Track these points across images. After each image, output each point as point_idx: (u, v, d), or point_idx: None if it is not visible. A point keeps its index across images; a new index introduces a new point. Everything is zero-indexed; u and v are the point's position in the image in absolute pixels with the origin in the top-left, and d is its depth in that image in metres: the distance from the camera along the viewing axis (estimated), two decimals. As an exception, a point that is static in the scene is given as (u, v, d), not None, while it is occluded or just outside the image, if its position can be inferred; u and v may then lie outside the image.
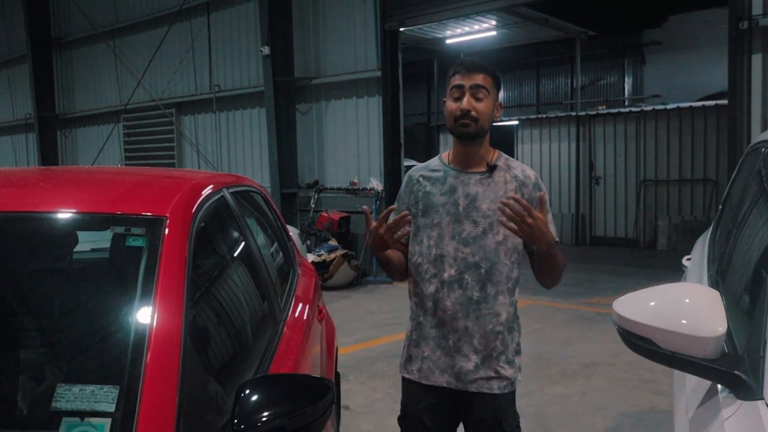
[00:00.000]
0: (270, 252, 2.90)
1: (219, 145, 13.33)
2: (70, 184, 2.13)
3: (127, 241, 1.64)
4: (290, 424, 1.36)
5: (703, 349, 1.44)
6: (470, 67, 2.35)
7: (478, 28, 13.06)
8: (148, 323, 1.39)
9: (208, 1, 12.95)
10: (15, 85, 19.16)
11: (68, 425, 1.21)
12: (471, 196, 2.38)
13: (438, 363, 2.39)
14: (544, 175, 14.34)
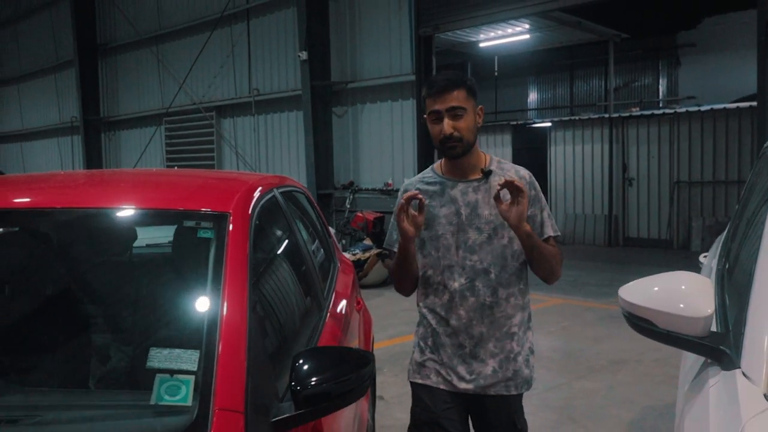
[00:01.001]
0: (313, 247, 3.17)
1: (257, 147, 13.72)
2: (146, 185, 2.43)
3: (198, 233, 1.92)
4: (336, 388, 1.61)
5: (694, 327, 1.67)
6: (441, 88, 2.32)
7: (511, 31, 13.22)
8: (219, 300, 1.66)
9: (248, 7, 13.36)
10: (61, 90, 19.86)
11: (161, 380, 1.49)
12: (471, 205, 2.40)
13: (456, 370, 2.41)
14: (577, 177, 14.45)
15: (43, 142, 21.38)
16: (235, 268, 1.78)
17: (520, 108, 19.78)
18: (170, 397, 1.47)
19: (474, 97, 2.39)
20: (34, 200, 2.12)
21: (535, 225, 2.41)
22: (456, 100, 2.32)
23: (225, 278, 1.73)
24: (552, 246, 2.43)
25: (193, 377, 1.49)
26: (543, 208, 2.46)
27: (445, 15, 10.11)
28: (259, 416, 1.50)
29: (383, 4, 11.01)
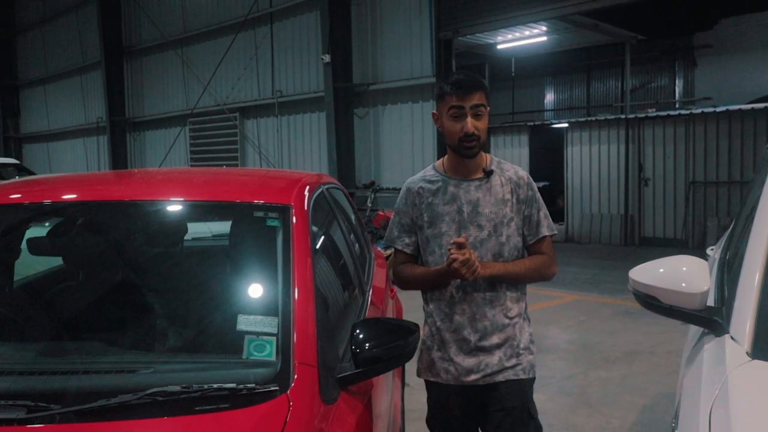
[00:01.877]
0: (352, 237, 3.49)
1: (280, 147, 14.08)
2: (217, 182, 2.76)
3: (266, 222, 2.24)
4: (386, 353, 1.92)
5: (692, 302, 1.97)
6: (468, 88, 2.39)
7: (528, 33, 13.48)
8: (291, 277, 1.98)
9: (272, 11, 13.72)
10: (88, 91, 20.36)
11: (250, 340, 1.80)
12: (473, 203, 2.47)
13: (464, 364, 2.46)
14: (594, 177, 14.66)
15: (69, 142, 21.90)
16: (301, 251, 2.09)
17: (537, 109, 20.01)
18: (258, 354, 1.78)
19: (488, 100, 2.47)
20: (124, 193, 2.46)
21: (531, 225, 2.53)
22: (479, 99, 2.40)
23: (293, 259, 2.04)
24: (542, 251, 2.53)
25: (275, 338, 1.81)
26: (540, 208, 2.54)
27: (464, 19, 10.40)
28: (327, 372, 1.82)
29: (404, 8, 11.32)
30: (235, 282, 2.20)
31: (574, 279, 10.35)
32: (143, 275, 2.43)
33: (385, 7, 11.65)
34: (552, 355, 6.13)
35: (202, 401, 1.58)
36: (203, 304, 2.17)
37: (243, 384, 1.64)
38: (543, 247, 2.56)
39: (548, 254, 2.57)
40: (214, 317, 2.07)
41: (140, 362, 1.87)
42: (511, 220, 2.50)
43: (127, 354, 1.96)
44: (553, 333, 6.96)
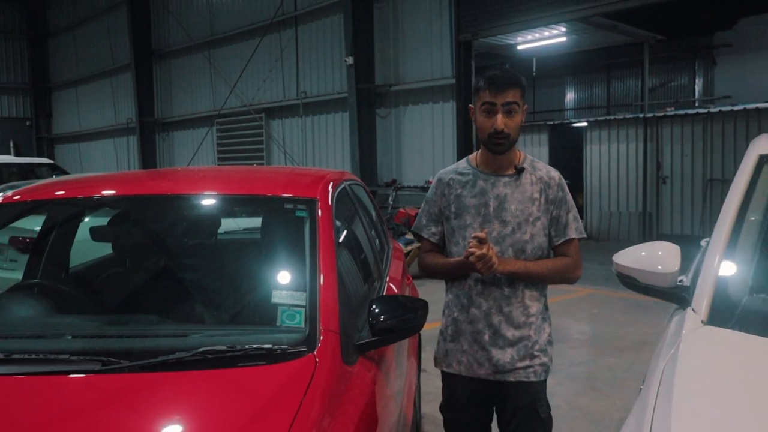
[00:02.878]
0: (372, 229, 3.82)
1: (305, 146, 14.46)
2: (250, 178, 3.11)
3: (296, 212, 2.57)
4: (398, 324, 2.23)
5: (664, 281, 2.26)
6: (502, 84, 2.41)
7: (548, 34, 13.67)
8: (317, 259, 2.30)
9: (296, 14, 14.10)
10: (118, 93, 20.92)
11: (282, 311, 2.13)
12: (500, 198, 2.50)
13: (476, 357, 2.51)
14: (612, 175, 14.83)
15: (100, 143, 22.51)
16: (325, 238, 2.42)
17: (557, 108, 20.17)
18: (289, 322, 2.12)
19: (524, 98, 2.48)
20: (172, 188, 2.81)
21: (558, 226, 2.54)
22: (513, 96, 2.41)
23: (318, 245, 2.37)
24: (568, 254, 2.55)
25: (304, 309, 2.14)
26: (569, 210, 2.55)
27: (483, 21, 10.68)
28: (348, 338, 2.14)
29: (425, 11, 11.63)
30: (269, 264, 2.55)
31: (590, 274, 10.57)
32: (190, 259, 2.79)
33: (406, 10, 11.97)
34: (563, 344, 6.40)
35: (244, 358, 1.91)
36: (243, 283, 2.53)
37: (277, 345, 1.97)
38: (569, 250, 2.55)
39: (573, 257, 2.56)
40: (253, 293, 2.42)
41: (192, 330, 2.21)
42: (537, 219, 2.50)
43: (180, 324, 2.31)
44: (566, 324, 7.23)
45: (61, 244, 3.26)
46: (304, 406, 1.71)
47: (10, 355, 1.94)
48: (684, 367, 1.72)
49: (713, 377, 1.69)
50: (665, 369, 1.77)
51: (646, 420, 1.55)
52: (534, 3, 10.06)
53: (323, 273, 2.26)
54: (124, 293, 2.75)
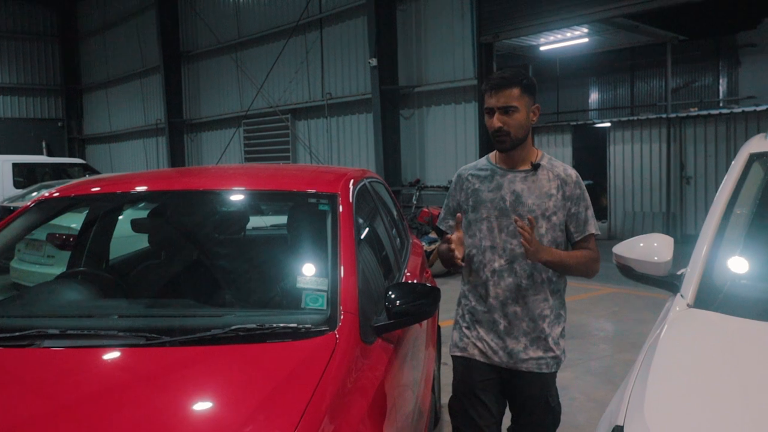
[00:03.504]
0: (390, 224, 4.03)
1: (330, 146, 14.72)
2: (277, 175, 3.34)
3: (319, 206, 2.79)
4: (412, 309, 2.43)
5: (657, 269, 2.44)
6: (497, 86, 2.52)
7: (570, 35, 13.76)
8: (338, 249, 2.51)
9: (321, 17, 14.37)
10: (147, 94, 21.39)
11: (306, 295, 2.35)
12: (516, 193, 2.58)
13: (491, 344, 2.60)
14: (636, 175, 14.87)
15: (130, 143, 23.01)
16: (346, 230, 2.63)
17: (581, 108, 20.20)
18: (313, 304, 2.33)
19: (529, 95, 2.54)
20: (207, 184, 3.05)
21: (578, 222, 2.61)
22: (508, 98, 2.49)
23: (340, 236, 2.59)
24: (589, 247, 2.63)
25: (326, 293, 2.36)
26: (588, 206, 2.63)
27: (505, 23, 10.84)
28: (366, 320, 2.35)
29: (447, 13, 11.82)
30: (294, 253, 2.77)
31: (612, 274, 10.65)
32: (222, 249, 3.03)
33: (429, 12, 12.17)
34: (583, 340, 6.55)
35: (272, 336, 2.13)
36: (271, 270, 2.76)
37: (302, 325, 2.19)
38: (589, 245, 2.63)
39: (594, 251, 2.64)
40: (280, 280, 2.65)
41: (225, 312, 2.44)
42: (554, 214, 2.58)
43: (213, 308, 2.54)
44: (586, 321, 7.37)
45: (101, 236, 3.53)
46: (326, 376, 1.92)
47: (65, 331, 2.19)
48: (665, 344, 1.90)
49: (691, 352, 1.88)
50: (648, 348, 1.96)
51: (625, 395, 1.74)
52: (554, 5, 10.20)
53: (344, 261, 2.47)
54: (162, 281, 2.99)
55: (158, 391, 1.91)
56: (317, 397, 1.82)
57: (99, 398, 1.88)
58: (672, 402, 1.63)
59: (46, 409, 1.83)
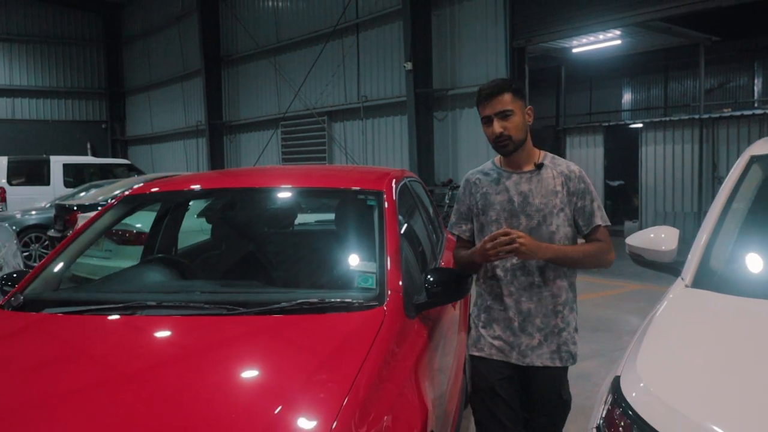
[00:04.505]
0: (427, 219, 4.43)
1: (365, 148, 15.16)
2: (330, 175, 3.77)
3: (367, 202, 3.20)
4: (447, 290, 2.80)
5: (663, 257, 2.79)
6: (488, 94, 2.65)
7: (602, 38, 13.97)
8: (384, 237, 2.91)
9: (358, 22, 14.82)
10: (188, 97, 22.07)
11: (359, 276, 2.75)
12: (524, 194, 2.69)
13: (507, 342, 2.70)
14: (668, 176, 15.00)
15: (171, 144, 23.75)
16: (390, 222, 3.03)
17: (614, 109, 20.35)
18: (364, 284, 2.74)
19: (521, 99, 2.66)
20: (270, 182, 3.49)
21: (585, 215, 2.71)
22: (503, 104, 2.61)
23: (386, 227, 2.99)
24: (599, 239, 2.71)
25: (375, 275, 2.76)
26: (593, 199, 2.71)
27: (537, 28, 11.15)
28: (408, 298, 2.74)
29: (480, 18, 12.17)
30: (347, 242, 3.19)
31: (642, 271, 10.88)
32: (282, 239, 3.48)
33: (462, 17, 12.53)
34: (609, 333, 6.85)
35: (330, 308, 2.54)
36: (328, 256, 3.18)
37: (356, 300, 2.60)
38: (598, 236, 2.71)
39: (604, 241, 2.71)
40: (336, 264, 3.07)
41: (290, 290, 2.87)
42: (561, 210, 2.68)
43: (280, 287, 2.97)
44: (612, 315, 7.66)
45: (171, 229, 3.99)
46: (377, 340, 2.32)
47: (160, 303, 2.63)
48: (662, 314, 2.27)
49: (683, 320, 2.24)
50: (649, 319, 2.32)
51: (626, 354, 2.11)
52: (586, 11, 10.48)
53: (389, 248, 2.87)
54: (228, 265, 3.44)
55: (239, 349, 2.33)
56: (370, 356, 2.22)
57: (191, 354, 2.31)
58: (661, 356, 2.00)
59: (152, 362, 2.26)
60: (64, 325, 2.56)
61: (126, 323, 2.53)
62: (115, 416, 1.92)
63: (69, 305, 2.73)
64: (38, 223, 12.47)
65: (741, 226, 2.68)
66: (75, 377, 2.17)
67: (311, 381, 2.07)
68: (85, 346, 2.41)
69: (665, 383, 1.84)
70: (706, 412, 1.68)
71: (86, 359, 2.31)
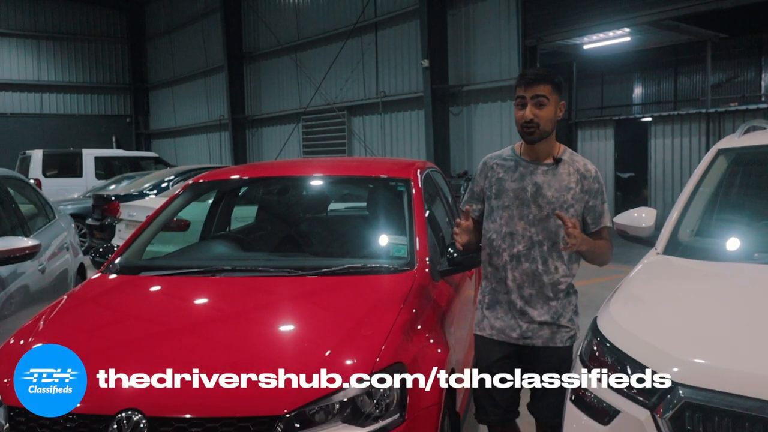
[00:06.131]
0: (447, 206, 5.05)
1: (383, 141, 15.78)
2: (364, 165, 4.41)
3: (397, 188, 3.82)
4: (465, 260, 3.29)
5: (643, 232, 3.38)
6: (530, 80, 2.67)
7: (612, 35, 14.42)
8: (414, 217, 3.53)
9: (376, 21, 15.43)
10: (211, 92, 22.77)
11: (393, 247, 3.38)
12: (538, 185, 2.73)
13: (509, 323, 2.79)
14: (676, 169, 15.47)
15: (194, 138, 24.48)
16: (418, 204, 3.65)
17: (625, 103, 20.81)
18: (397, 253, 3.37)
19: (558, 93, 2.69)
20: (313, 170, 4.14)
21: (595, 214, 2.79)
22: (542, 90, 2.66)
23: (414, 209, 3.61)
24: (604, 238, 2.82)
25: (406, 246, 3.39)
26: (604, 201, 2.80)
27: (548, 28, 11.71)
28: (434, 266, 3.37)
29: (494, 18, 12.75)
30: (382, 221, 3.83)
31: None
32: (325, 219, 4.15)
33: (477, 17, 13.11)
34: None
35: (371, 271, 3.18)
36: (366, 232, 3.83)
37: (391, 265, 3.23)
38: (604, 236, 2.83)
39: (610, 242, 2.84)
40: (373, 238, 3.71)
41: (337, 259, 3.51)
42: (571, 206, 2.73)
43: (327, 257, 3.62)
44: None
45: (225, 213, 4.64)
46: (410, 296, 2.95)
47: (234, 268, 3.29)
48: (635, 273, 2.89)
49: (652, 276, 2.86)
50: (625, 278, 2.93)
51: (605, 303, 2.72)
52: (596, 11, 11.02)
53: (417, 225, 3.50)
54: (281, 240, 4.08)
55: (302, 301, 2.99)
56: (404, 307, 2.86)
57: (264, 304, 2.98)
58: (630, 301, 2.63)
59: (234, 309, 2.93)
60: (162, 284, 3.23)
61: (210, 282, 3.19)
62: (214, 345, 2.60)
63: (159, 270, 3.39)
64: (74, 212, 13.16)
65: (705, 207, 3.28)
66: (179, 318, 2.86)
67: (361, 323, 2.71)
68: (182, 297, 3.08)
69: (630, 319, 2.46)
70: (659, 337, 2.29)
71: (184, 307, 3.00)
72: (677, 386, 2.07)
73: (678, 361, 2.14)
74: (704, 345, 2.20)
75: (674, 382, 2.08)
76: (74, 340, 2.60)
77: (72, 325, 2.86)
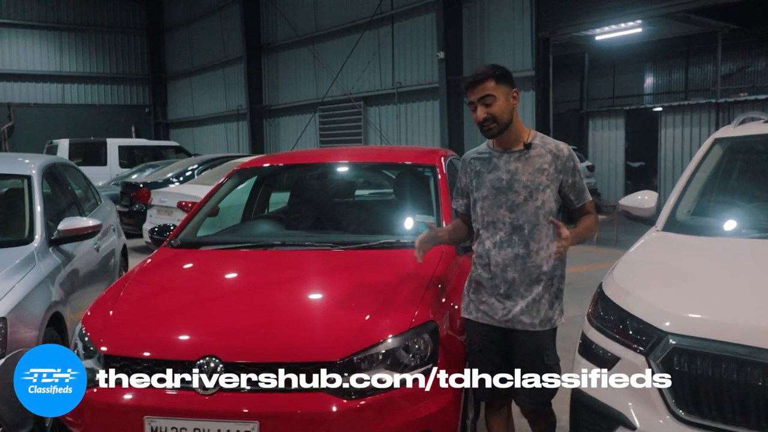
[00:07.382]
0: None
1: (399, 131, 16.20)
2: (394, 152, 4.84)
3: (424, 173, 4.25)
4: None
5: (645, 212, 3.79)
6: (471, 83, 2.82)
7: (624, 26, 14.69)
8: (440, 199, 3.96)
9: (393, 13, 15.81)
10: (229, 82, 23.21)
11: (422, 225, 3.79)
12: (512, 172, 2.86)
13: (493, 307, 2.90)
14: (686, 158, 15.75)
15: (212, 127, 24.96)
16: (443, 187, 4.08)
17: (636, 93, 21.09)
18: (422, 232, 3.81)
19: (506, 84, 2.82)
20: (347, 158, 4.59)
21: (576, 190, 2.92)
22: (485, 90, 2.79)
23: (440, 192, 4.04)
24: (588, 211, 2.96)
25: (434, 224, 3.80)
26: (582, 177, 2.93)
27: (561, 21, 12.05)
28: (458, 242, 3.80)
29: (508, 11, 13.10)
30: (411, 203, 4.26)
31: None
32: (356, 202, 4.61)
33: (491, 9, 13.47)
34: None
35: (404, 245, 3.62)
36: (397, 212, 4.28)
37: (421, 241, 3.67)
38: (587, 208, 2.95)
39: (594, 214, 2.96)
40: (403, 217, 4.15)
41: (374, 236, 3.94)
42: (547, 187, 2.85)
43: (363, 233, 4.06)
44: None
45: (264, 196, 5.10)
46: (438, 267, 3.39)
47: (283, 242, 3.74)
48: (637, 246, 3.31)
49: (652, 248, 3.28)
50: (627, 252, 3.35)
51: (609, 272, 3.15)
52: (609, 4, 11.34)
53: (443, 206, 3.94)
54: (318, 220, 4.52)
55: (345, 270, 3.44)
56: (434, 276, 3.29)
57: (312, 273, 3.44)
58: (632, 268, 3.06)
59: (288, 276, 3.38)
60: (224, 255, 3.69)
61: (264, 254, 3.66)
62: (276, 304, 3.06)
63: (217, 245, 3.85)
64: (102, 199, 13.69)
65: (700, 190, 3.69)
66: (244, 282, 3.36)
67: (397, 288, 3.15)
68: (243, 266, 3.55)
69: (630, 281, 2.90)
70: (654, 296, 2.71)
71: (247, 273, 3.47)
72: (667, 335, 2.49)
73: (669, 315, 2.56)
74: (691, 301, 2.64)
75: (665, 332, 2.50)
76: (158, 299, 3.07)
77: (154, 286, 3.33)
